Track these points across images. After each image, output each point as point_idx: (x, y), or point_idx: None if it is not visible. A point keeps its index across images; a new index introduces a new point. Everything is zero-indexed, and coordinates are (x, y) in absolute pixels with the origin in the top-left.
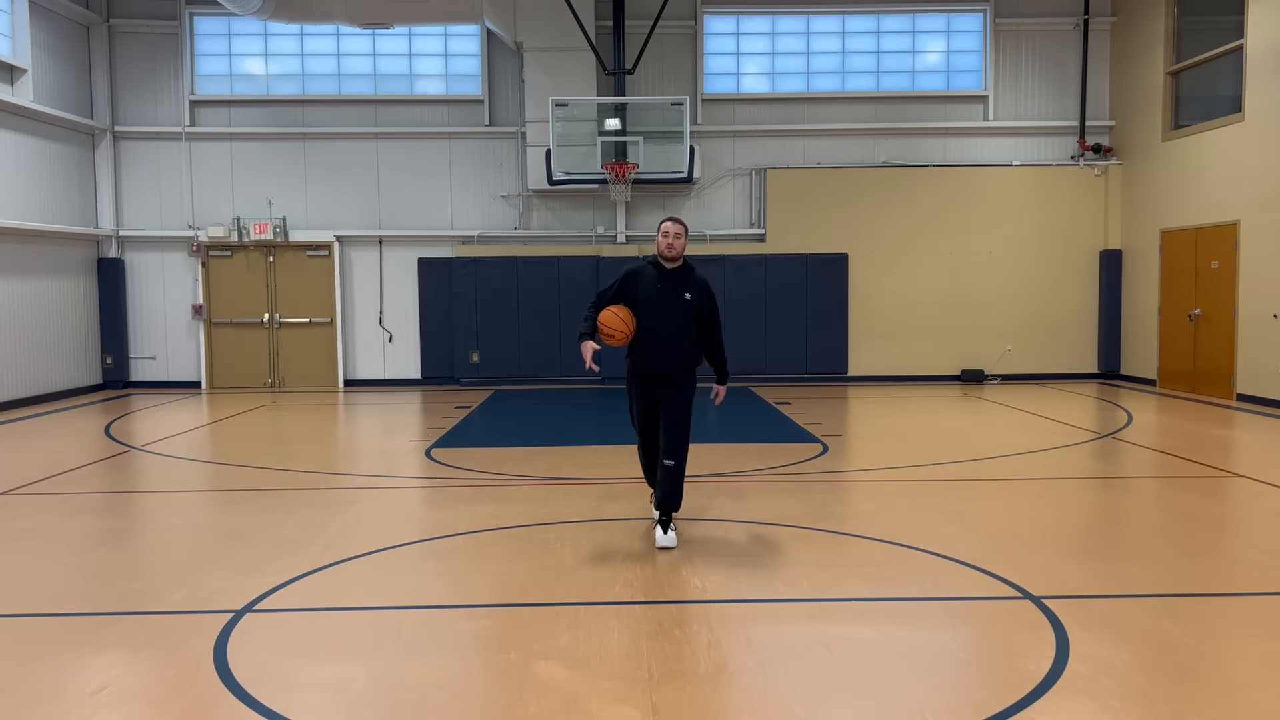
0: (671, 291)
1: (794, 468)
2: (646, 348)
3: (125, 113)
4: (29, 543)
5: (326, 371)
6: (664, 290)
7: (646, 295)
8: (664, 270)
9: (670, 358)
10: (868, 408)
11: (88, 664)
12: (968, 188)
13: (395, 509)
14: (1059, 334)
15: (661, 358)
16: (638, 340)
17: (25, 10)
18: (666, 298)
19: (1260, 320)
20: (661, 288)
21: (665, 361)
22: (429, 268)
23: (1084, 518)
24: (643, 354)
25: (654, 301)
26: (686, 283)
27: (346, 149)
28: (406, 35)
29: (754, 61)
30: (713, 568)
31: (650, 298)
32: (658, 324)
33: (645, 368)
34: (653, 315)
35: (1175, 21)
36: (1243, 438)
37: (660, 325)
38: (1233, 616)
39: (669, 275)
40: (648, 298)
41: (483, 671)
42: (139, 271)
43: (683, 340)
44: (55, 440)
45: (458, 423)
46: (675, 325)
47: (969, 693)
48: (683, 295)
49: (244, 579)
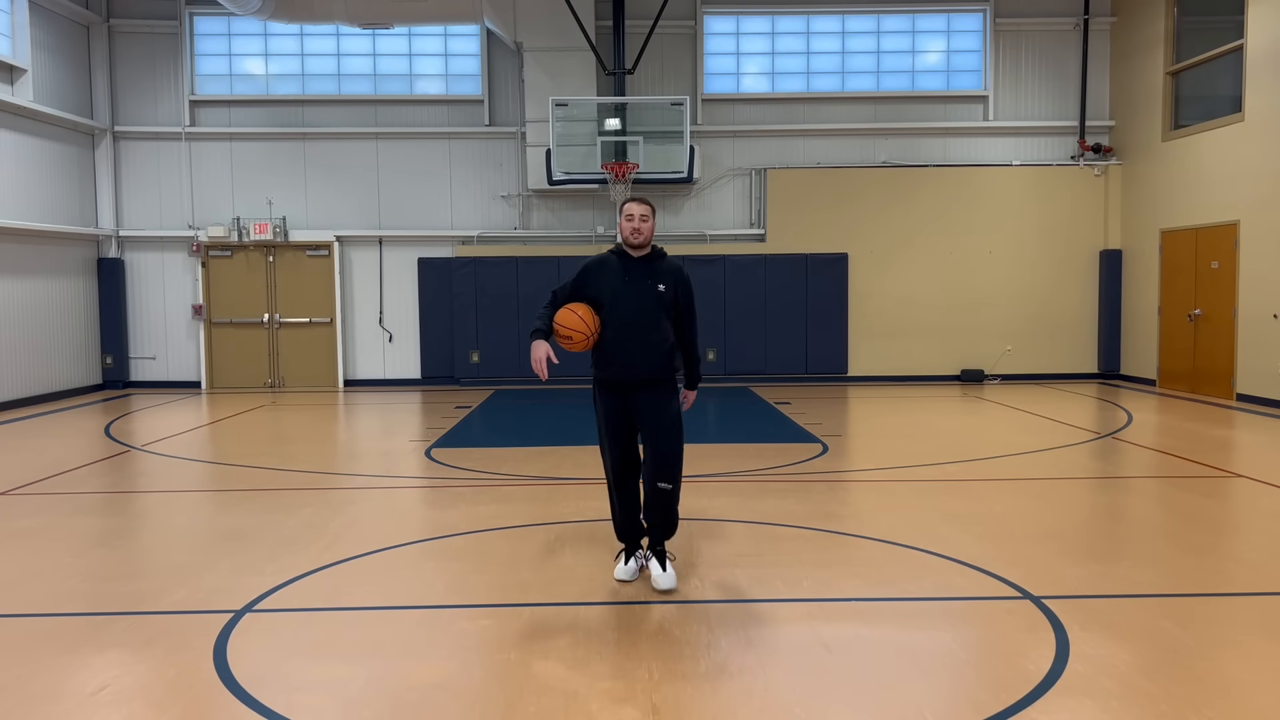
0: (641, 283)
1: (794, 468)
2: (614, 352)
3: (125, 113)
4: (29, 543)
5: (326, 371)
6: (632, 282)
7: (612, 289)
8: (630, 259)
9: (646, 360)
10: (868, 408)
11: (88, 664)
12: (968, 188)
13: (395, 509)
14: (1059, 334)
15: (635, 362)
16: (604, 343)
17: (25, 10)
18: (636, 291)
19: (1260, 320)
20: (629, 280)
21: (640, 365)
22: (429, 268)
23: (1084, 518)
24: (611, 359)
25: (621, 296)
26: (659, 272)
27: (346, 149)
28: (406, 35)
29: (754, 61)
30: (713, 568)
31: (616, 292)
32: (628, 322)
33: (616, 375)
34: (621, 312)
35: (1175, 21)
36: (1243, 438)
37: (631, 324)
38: (1233, 616)
39: (637, 265)
40: (614, 292)
41: (483, 671)
42: (139, 271)
43: (658, 339)
44: (55, 440)
45: (458, 423)
46: (648, 322)
47: (969, 693)
48: (655, 287)
49: (244, 579)
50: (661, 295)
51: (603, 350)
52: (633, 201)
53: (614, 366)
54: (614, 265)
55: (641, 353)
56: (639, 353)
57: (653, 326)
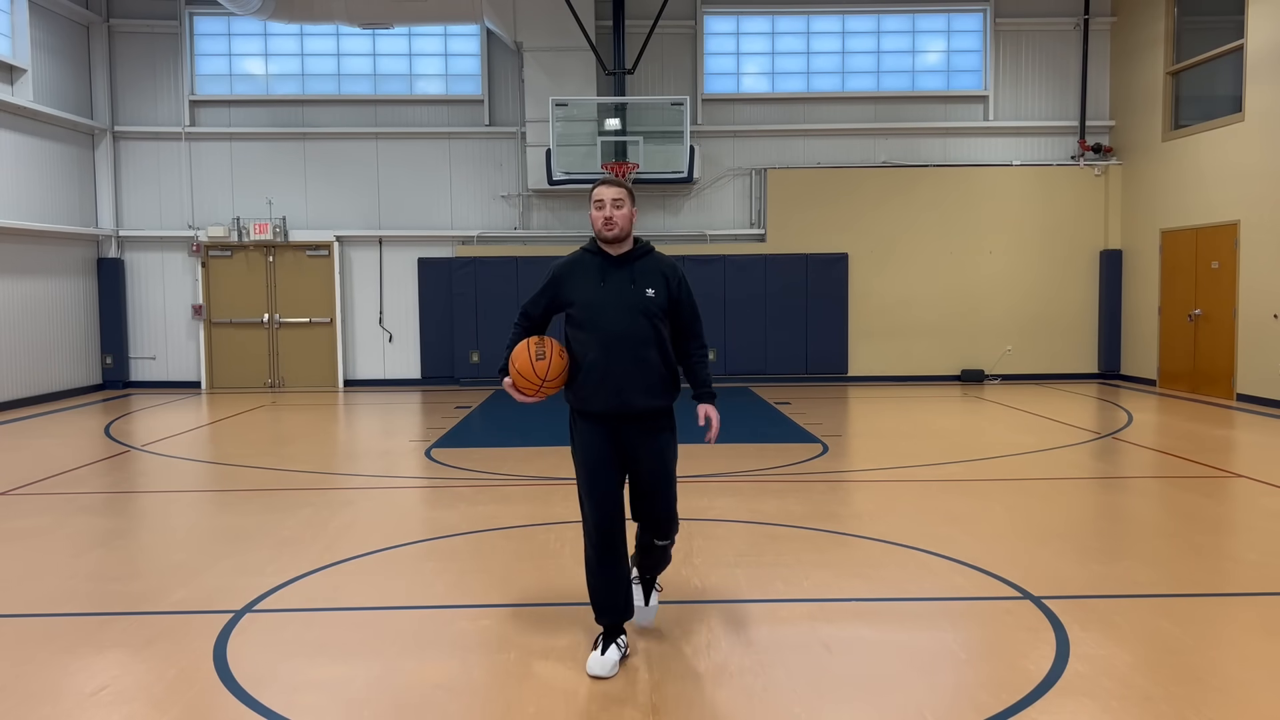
0: (623, 288)
1: (794, 468)
2: (598, 378)
3: (125, 113)
4: (29, 543)
5: (326, 371)
6: (612, 288)
7: (588, 298)
8: (608, 258)
9: (639, 387)
10: (868, 408)
11: (88, 664)
12: (968, 188)
13: (395, 509)
14: (1059, 334)
15: (625, 388)
16: (584, 368)
17: (25, 10)
18: (618, 298)
19: (1260, 320)
20: (608, 285)
21: (632, 394)
22: (429, 268)
23: (1084, 518)
24: (595, 389)
25: (601, 306)
26: (645, 273)
27: (346, 149)
28: (406, 35)
29: (754, 61)
30: (713, 568)
31: (594, 302)
32: (613, 339)
33: (598, 405)
34: (604, 327)
35: (1175, 21)
36: (1243, 438)
37: (617, 340)
38: (1233, 616)
39: (616, 264)
40: (590, 302)
41: (483, 671)
42: (139, 271)
43: (653, 358)
44: (55, 440)
45: (458, 423)
46: (640, 337)
47: (969, 693)
48: (642, 292)
49: (244, 579)
50: (651, 301)
51: (583, 376)
52: (604, 184)
53: (599, 397)
54: (589, 267)
55: (633, 378)
56: (630, 378)
57: (644, 342)
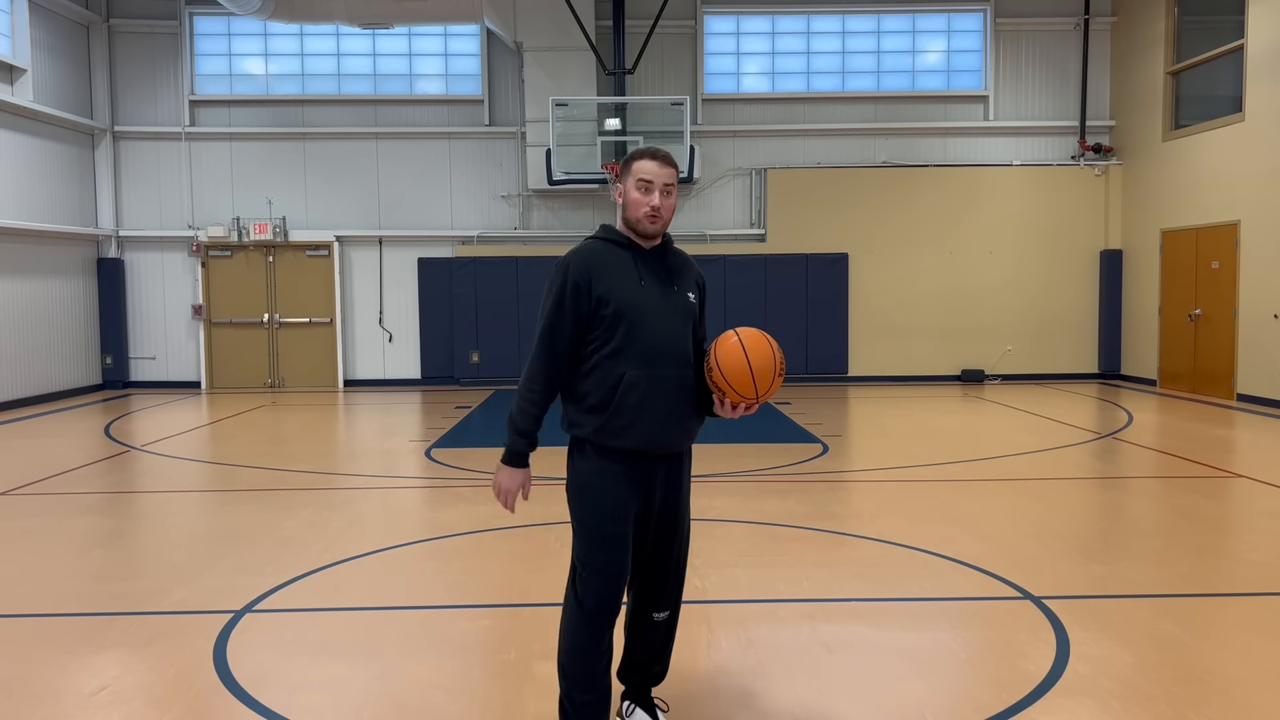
0: (665, 289)
1: (794, 468)
2: (635, 403)
3: (125, 113)
4: (29, 543)
5: (326, 371)
6: (652, 287)
7: (627, 299)
8: (641, 252)
9: (679, 416)
10: (868, 408)
11: (88, 664)
12: (968, 188)
13: (395, 509)
14: (1059, 334)
15: (667, 418)
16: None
17: (25, 10)
18: (661, 300)
19: (1260, 320)
20: (646, 284)
21: (673, 424)
22: (429, 268)
23: (1084, 518)
24: (628, 415)
25: (641, 310)
26: (681, 272)
27: (346, 149)
28: (406, 35)
29: (754, 61)
30: (712, 568)
31: (635, 304)
32: (656, 355)
33: (632, 440)
34: (648, 339)
35: (1175, 21)
36: (1243, 438)
37: (661, 357)
38: (1233, 616)
39: (650, 260)
40: (630, 303)
41: (483, 671)
42: (139, 271)
43: (691, 377)
44: (55, 440)
45: (458, 423)
46: (682, 351)
47: (969, 693)
48: (685, 295)
49: (244, 579)
50: (693, 308)
51: (617, 401)
52: (648, 158)
53: (636, 429)
54: (622, 260)
55: (678, 405)
56: (676, 405)
57: (687, 359)
